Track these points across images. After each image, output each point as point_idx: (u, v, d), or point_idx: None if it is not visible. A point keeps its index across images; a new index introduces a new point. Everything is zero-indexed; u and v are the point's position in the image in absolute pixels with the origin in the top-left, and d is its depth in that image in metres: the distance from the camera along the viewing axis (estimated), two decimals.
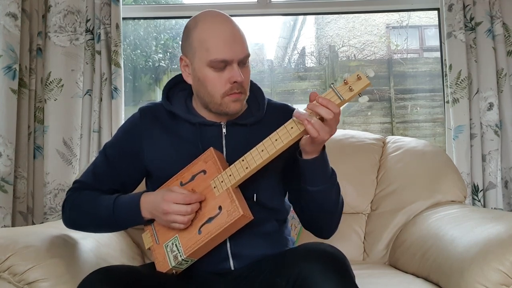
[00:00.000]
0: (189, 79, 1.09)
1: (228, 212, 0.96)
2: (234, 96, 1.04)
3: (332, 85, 0.95)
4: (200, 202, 1.00)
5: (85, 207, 1.10)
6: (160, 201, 0.99)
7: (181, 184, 1.05)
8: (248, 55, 1.05)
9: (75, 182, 1.17)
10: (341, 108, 0.96)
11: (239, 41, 1.03)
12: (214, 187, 1.00)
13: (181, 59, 1.09)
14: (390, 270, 1.40)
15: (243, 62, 1.04)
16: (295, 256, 0.89)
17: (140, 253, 1.54)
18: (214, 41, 1.01)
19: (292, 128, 0.96)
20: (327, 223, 1.13)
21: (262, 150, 0.97)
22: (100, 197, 1.09)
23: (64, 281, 1.04)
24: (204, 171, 1.03)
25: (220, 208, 0.97)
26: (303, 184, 1.04)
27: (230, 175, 0.99)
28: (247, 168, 0.98)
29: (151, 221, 1.06)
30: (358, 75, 0.93)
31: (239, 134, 1.10)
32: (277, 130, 0.97)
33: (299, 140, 0.98)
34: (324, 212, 1.09)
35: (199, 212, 1.00)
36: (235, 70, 1.01)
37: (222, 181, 0.99)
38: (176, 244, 1.00)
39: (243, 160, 0.99)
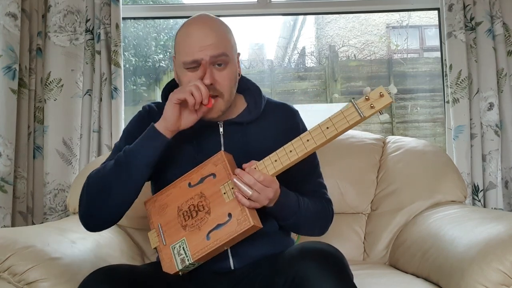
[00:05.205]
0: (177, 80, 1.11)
1: (238, 221, 0.95)
2: None
3: (352, 100, 0.90)
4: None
5: (94, 179, 1.03)
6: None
7: (190, 186, 1.03)
8: (221, 54, 1.01)
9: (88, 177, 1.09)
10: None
11: (210, 40, 1.00)
12: (224, 193, 0.99)
13: (173, 60, 1.11)
14: (390, 270, 1.39)
15: (217, 62, 1.02)
16: (293, 255, 0.89)
17: (140, 253, 1.54)
18: (184, 42, 1.02)
19: (308, 140, 0.93)
20: (314, 232, 1.17)
21: (276, 160, 0.96)
22: (108, 162, 1.05)
23: (64, 281, 1.04)
24: (213, 175, 1.01)
25: (230, 215, 0.97)
26: (275, 220, 1.08)
27: None
28: None
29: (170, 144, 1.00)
30: (380, 92, 0.88)
31: (237, 133, 1.10)
32: (292, 141, 0.95)
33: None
34: (305, 230, 1.14)
35: (208, 216, 0.99)
36: (202, 71, 0.99)
37: (232, 188, 0.98)
38: (183, 247, 0.99)
39: (255, 169, 0.97)
